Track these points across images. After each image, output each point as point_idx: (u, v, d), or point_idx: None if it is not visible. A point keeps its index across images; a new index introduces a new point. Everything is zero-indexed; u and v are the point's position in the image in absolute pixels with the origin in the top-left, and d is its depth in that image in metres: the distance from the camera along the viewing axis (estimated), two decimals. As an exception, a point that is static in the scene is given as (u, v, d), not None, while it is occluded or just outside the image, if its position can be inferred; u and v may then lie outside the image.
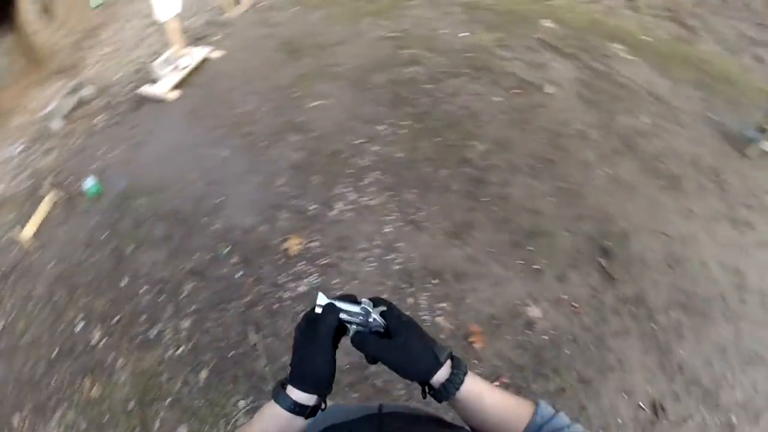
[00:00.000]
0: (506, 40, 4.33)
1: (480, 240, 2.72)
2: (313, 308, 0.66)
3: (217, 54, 4.16)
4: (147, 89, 3.93)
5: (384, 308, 0.66)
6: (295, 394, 0.62)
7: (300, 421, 0.63)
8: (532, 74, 3.94)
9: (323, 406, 0.66)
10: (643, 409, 2.18)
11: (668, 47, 4.68)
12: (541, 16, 4.73)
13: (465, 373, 0.62)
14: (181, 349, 2.49)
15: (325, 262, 2.58)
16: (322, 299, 0.65)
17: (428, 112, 3.47)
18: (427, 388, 0.65)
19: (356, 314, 0.65)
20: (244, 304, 2.57)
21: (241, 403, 2.20)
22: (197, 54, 4.12)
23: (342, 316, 0.65)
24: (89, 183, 3.35)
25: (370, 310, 0.65)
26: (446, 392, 0.61)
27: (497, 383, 2.21)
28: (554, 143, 3.37)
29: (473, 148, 3.24)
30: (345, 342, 0.69)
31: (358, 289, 2.48)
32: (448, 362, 0.63)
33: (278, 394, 0.62)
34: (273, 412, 0.62)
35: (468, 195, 2.98)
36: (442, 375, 0.62)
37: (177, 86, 3.90)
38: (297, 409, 0.61)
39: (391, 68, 3.84)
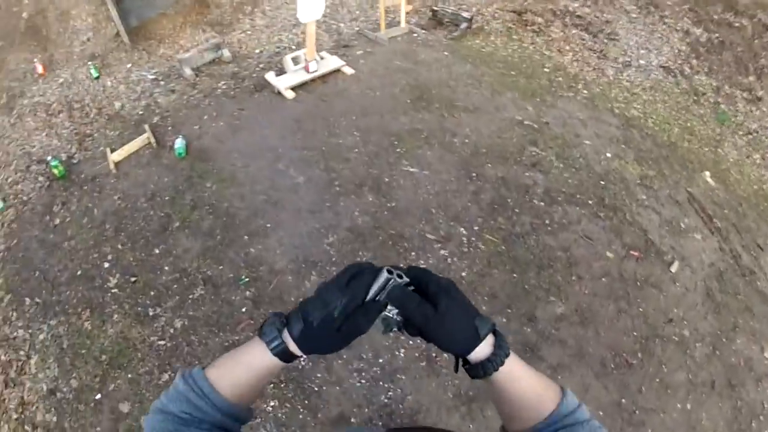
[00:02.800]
0: (653, 181, 3.80)
1: None
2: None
3: (348, 70, 4.19)
4: (271, 77, 4.09)
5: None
6: (293, 344, 0.60)
7: (280, 366, 0.62)
8: (665, 239, 3.38)
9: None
10: None
11: None
12: (703, 165, 4.11)
13: (507, 355, 0.60)
14: (163, 343, 2.60)
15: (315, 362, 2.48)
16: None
17: (523, 236, 3.14)
18: (462, 361, 0.64)
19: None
20: (231, 341, 2.57)
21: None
22: (331, 62, 4.20)
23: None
24: (179, 142, 3.57)
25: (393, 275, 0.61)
26: (483, 371, 0.60)
27: None
28: (645, 342, 2.82)
29: (549, 306, 2.85)
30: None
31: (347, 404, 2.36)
32: (491, 338, 0.61)
33: (273, 340, 0.60)
34: (260, 355, 0.60)
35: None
36: (482, 352, 0.60)
37: (297, 87, 4.01)
38: (286, 357, 0.61)
39: (509, 163, 3.56)
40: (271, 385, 2.36)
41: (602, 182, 3.61)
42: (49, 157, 3.62)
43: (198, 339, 2.59)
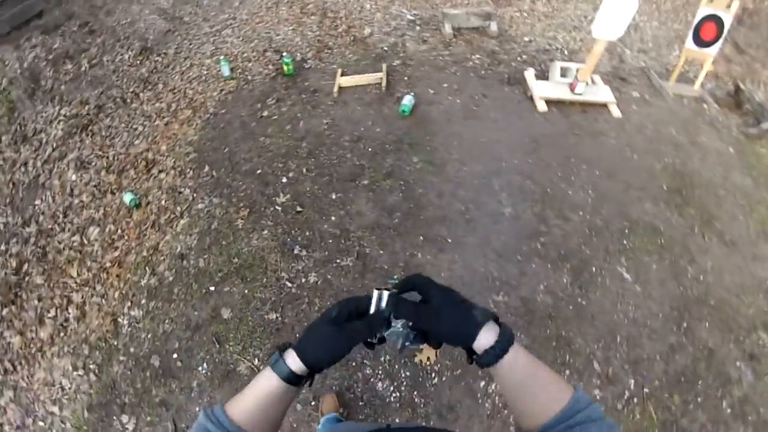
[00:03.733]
0: None
1: None
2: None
3: (616, 112, 3.49)
4: (530, 76, 3.57)
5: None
6: (292, 361, 0.63)
7: (289, 392, 0.64)
8: None
9: (311, 382, 0.67)
10: None
11: None
12: None
13: (510, 343, 0.61)
14: (290, 286, 2.49)
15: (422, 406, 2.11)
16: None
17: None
18: (471, 352, 0.64)
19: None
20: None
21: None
22: (600, 92, 3.53)
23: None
24: (408, 99, 3.32)
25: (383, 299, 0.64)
26: (488, 358, 0.60)
27: None
28: None
29: None
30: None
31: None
32: (495, 328, 0.62)
33: (276, 361, 0.64)
34: (267, 379, 0.64)
35: None
36: (486, 340, 0.61)
37: (552, 102, 3.44)
38: (291, 377, 0.62)
39: (728, 337, 2.52)
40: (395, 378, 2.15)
41: None
42: (285, 52, 3.60)
43: (320, 304, 2.41)
